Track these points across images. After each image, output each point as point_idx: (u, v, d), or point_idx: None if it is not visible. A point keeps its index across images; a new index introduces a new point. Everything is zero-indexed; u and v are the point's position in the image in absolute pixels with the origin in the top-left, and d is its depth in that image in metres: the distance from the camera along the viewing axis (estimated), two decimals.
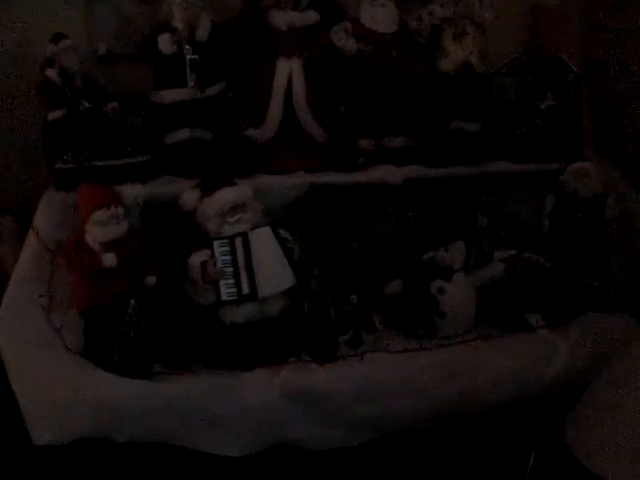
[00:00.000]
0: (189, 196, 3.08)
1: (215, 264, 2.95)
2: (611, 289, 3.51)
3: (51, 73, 3.17)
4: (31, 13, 3.48)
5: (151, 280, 2.97)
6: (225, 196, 3.02)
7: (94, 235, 2.88)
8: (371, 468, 2.90)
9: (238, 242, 2.99)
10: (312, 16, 3.45)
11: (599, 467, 2.46)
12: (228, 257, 2.98)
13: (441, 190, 3.48)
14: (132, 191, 3.18)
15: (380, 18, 3.51)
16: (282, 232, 3.11)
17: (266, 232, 3.04)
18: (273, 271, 3.01)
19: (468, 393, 3.04)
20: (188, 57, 3.26)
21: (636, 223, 3.62)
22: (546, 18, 4.00)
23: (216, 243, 2.98)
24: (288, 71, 3.40)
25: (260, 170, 3.42)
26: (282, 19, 3.39)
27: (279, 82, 3.40)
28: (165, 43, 3.26)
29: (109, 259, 2.85)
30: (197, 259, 2.97)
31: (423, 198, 3.46)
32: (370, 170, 3.51)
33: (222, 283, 2.95)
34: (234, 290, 2.96)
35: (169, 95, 3.32)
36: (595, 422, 2.88)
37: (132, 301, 2.85)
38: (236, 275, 2.97)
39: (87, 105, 3.20)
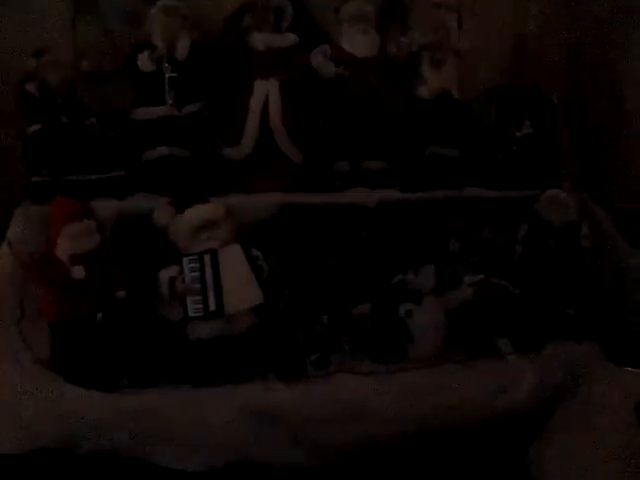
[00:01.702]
0: (162, 212, 3.10)
1: (184, 280, 2.97)
2: (585, 317, 3.51)
3: (31, 87, 3.21)
4: (16, 29, 3.53)
5: (121, 294, 2.98)
6: (197, 213, 3.05)
7: (65, 248, 2.90)
8: None
9: (207, 259, 3.00)
10: (291, 38, 3.50)
11: None
12: (197, 274, 3.00)
13: (415, 214, 3.50)
14: (106, 205, 3.21)
15: (360, 43, 3.55)
16: (253, 250, 3.12)
17: (236, 250, 3.05)
18: (241, 289, 3.02)
19: (434, 416, 3.03)
20: (167, 75, 3.31)
21: (610, 253, 3.63)
22: (527, 47, 4.03)
23: (185, 259, 3.00)
24: (265, 92, 3.44)
25: (235, 189, 3.45)
26: (261, 40, 3.44)
27: (256, 102, 3.43)
28: (144, 61, 3.32)
29: (77, 272, 2.87)
30: (166, 275, 2.99)
31: (396, 221, 3.47)
32: (344, 192, 3.53)
33: (189, 299, 2.97)
34: (201, 306, 2.98)
35: (147, 112, 3.36)
36: (559, 449, 2.90)
37: (99, 315, 2.88)
38: (204, 291, 2.98)
39: (65, 120, 3.23)
